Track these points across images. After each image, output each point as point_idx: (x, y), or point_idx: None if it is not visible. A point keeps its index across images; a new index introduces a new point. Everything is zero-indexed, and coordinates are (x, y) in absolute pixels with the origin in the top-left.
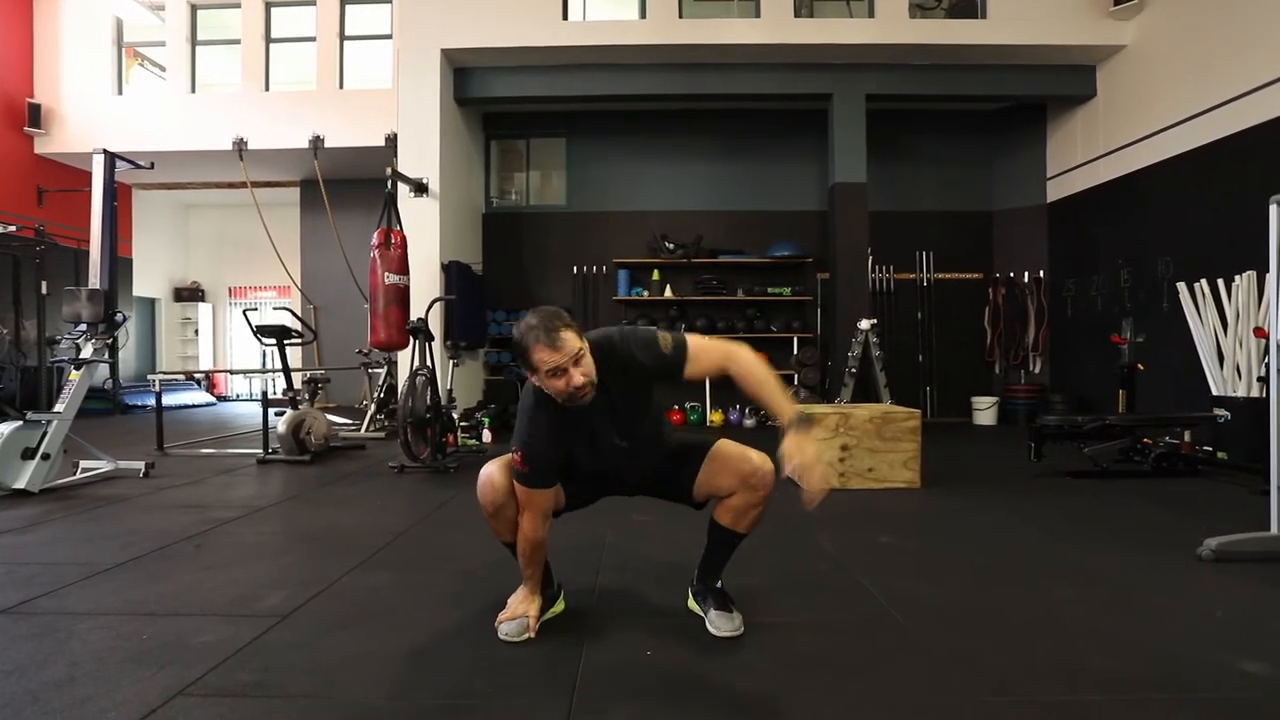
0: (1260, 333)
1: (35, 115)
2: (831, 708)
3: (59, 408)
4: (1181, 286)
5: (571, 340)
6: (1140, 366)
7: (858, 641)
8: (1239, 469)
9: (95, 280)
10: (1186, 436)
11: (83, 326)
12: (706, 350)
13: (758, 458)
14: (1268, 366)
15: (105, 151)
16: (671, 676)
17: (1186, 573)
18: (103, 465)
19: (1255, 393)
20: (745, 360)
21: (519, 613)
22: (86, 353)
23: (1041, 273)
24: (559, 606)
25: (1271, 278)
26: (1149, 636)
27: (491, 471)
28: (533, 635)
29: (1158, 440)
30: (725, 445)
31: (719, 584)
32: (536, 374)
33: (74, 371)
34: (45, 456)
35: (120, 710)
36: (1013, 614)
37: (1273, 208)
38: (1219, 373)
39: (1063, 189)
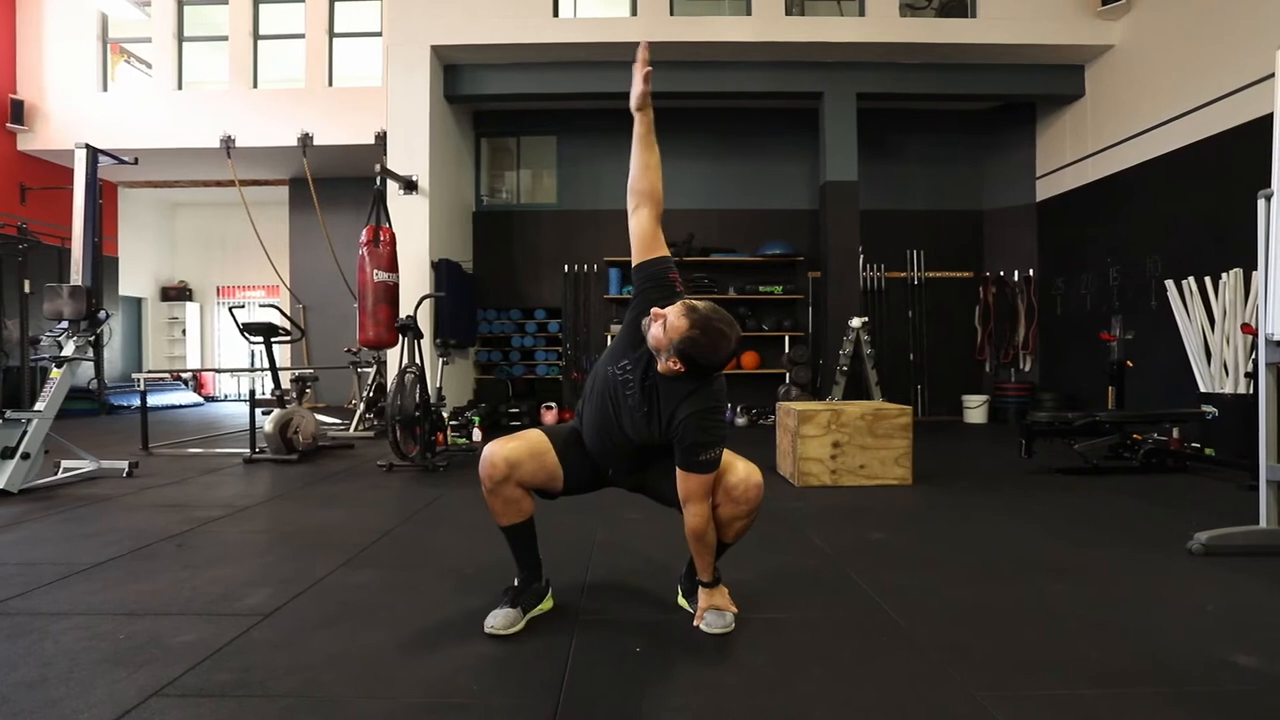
0: (1248, 329)
1: (18, 112)
2: (824, 704)
3: (39, 406)
4: (1169, 284)
5: (665, 343)
6: (1129, 364)
7: (850, 637)
8: (1226, 465)
9: (77, 276)
10: (1175, 433)
11: (64, 324)
12: (707, 483)
13: (744, 468)
14: (1255, 362)
15: (87, 146)
16: (661, 673)
17: (1177, 567)
18: (85, 465)
19: (1242, 389)
20: (705, 516)
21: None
22: (68, 350)
23: (1031, 271)
24: (547, 604)
25: (1260, 273)
26: (1141, 630)
27: (493, 448)
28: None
29: (1147, 437)
30: None
31: None
32: (669, 312)
33: (55, 369)
34: (25, 456)
35: (93, 711)
36: (1005, 609)
37: (1260, 203)
38: (1206, 370)
39: (1052, 188)
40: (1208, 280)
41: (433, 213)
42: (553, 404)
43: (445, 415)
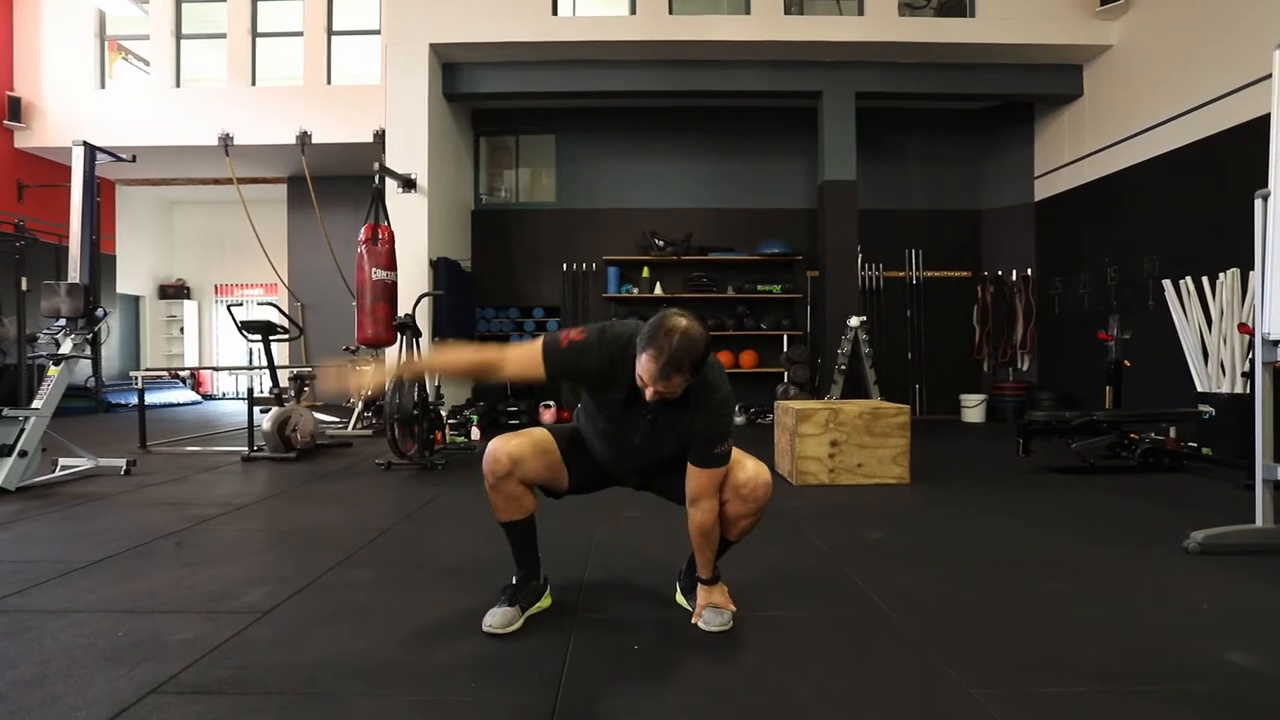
0: (1244, 328)
1: (15, 109)
2: (822, 702)
3: (36, 404)
4: (1167, 284)
5: (676, 385)
6: (1126, 363)
7: (847, 636)
8: (1223, 464)
9: (75, 274)
10: (1172, 433)
11: (62, 322)
12: (718, 478)
13: (753, 466)
14: (1252, 362)
15: (85, 144)
16: (660, 671)
17: (1173, 566)
18: (83, 463)
19: (1239, 389)
20: (714, 512)
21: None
22: (65, 348)
23: (1029, 271)
24: (545, 601)
25: (1256, 273)
26: (1137, 629)
27: (498, 444)
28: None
29: (1144, 436)
30: None
31: None
32: (637, 362)
33: (53, 367)
34: (22, 454)
35: (91, 708)
36: (1001, 607)
37: (1257, 203)
38: (1203, 369)
39: (1050, 188)
40: (1205, 280)
41: (431, 211)
42: (551, 403)
43: (444, 414)
